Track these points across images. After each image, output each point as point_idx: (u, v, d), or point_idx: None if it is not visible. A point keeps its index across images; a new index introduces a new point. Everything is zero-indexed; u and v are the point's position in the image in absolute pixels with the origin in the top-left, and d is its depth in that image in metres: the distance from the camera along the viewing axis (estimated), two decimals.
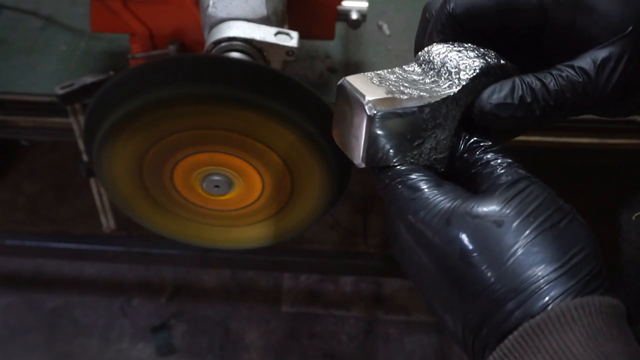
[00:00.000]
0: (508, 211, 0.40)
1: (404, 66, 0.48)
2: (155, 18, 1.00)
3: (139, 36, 1.03)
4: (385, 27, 1.31)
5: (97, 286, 1.93)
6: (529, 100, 0.44)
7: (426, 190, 0.42)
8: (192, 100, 0.76)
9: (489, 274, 0.38)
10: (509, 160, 0.43)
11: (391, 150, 0.44)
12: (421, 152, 0.45)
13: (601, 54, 0.43)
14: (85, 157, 1.15)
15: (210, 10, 0.86)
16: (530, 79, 0.44)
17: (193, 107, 0.77)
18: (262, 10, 0.86)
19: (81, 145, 1.15)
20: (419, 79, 0.46)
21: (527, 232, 0.39)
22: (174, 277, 1.95)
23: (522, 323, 0.37)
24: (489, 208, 0.40)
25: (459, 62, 0.45)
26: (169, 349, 1.80)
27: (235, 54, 0.81)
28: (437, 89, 0.44)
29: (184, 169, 0.85)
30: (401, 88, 0.44)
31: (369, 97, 0.43)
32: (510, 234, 0.39)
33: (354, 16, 1.06)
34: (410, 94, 0.43)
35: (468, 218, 0.40)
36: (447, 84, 0.44)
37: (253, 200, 0.88)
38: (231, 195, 0.87)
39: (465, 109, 0.46)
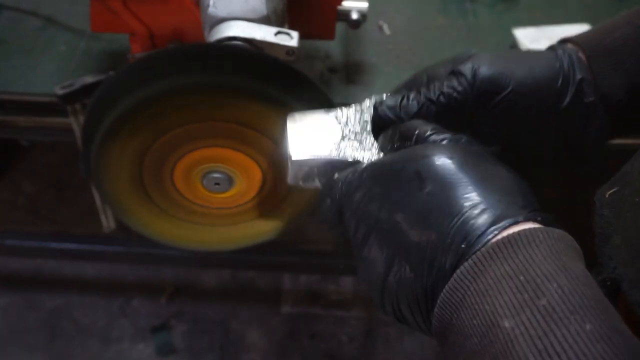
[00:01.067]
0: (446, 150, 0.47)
1: (352, 109, 0.60)
2: (155, 18, 1.00)
3: (139, 36, 1.03)
4: (385, 27, 1.31)
5: (97, 286, 1.93)
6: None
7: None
8: (192, 91, 0.76)
9: (462, 202, 0.44)
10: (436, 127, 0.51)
11: (308, 180, 0.58)
12: None
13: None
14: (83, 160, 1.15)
15: (211, 9, 0.86)
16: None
17: (193, 98, 0.77)
18: (263, 10, 0.86)
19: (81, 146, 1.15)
20: (352, 133, 0.58)
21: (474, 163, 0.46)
22: (174, 277, 1.95)
23: (493, 239, 0.42)
24: (428, 149, 0.48)
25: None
26: (169, 349, 1.80)
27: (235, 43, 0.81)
28: (356, 149, 0.56)
29: (184, 168, 0.85)
30: (330, 138, 0.56)
31: (292, 153, 0.56)
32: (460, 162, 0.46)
33: (354, 16, 1.06)
34: (331, 149, 0.56)
35: (415, 156, 0.48)
36: (366, 148, 0.56)
37: (254, 194, 0.88)
38: (233, 191, 0.87)
39: None
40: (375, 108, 0.57)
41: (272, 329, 1.86)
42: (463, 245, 0.42)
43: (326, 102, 0.77)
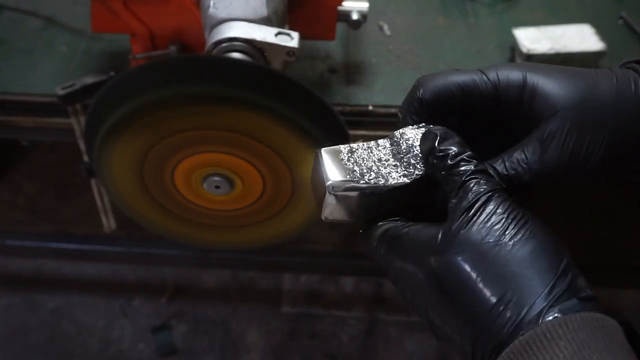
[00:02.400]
0: (464, 241, 0.44)
1: (379, 140, 0.55)
2: (155, 18, 1.00)
3: (139, 36, 1.03)
4: (385, 27, 1.31)
5: (98, 286, 1.93)
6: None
7: (404, 234, 0.48)
8: (192, 101, 0.76)
9: (466, 304, 0.43)
10: (472, 176, 0.47)
11: (346, 215, 0.53)
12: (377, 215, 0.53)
13: (543, 132, 0.49)
14: (85, 158, 1.15)
15: (211, 10, 0.86)
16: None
17: (194, 107, 0.77)
18: (263, 11, 0.86)
19: (82, 145, 1.15)
20: (385, 160, 0.54)
21: (488, 254, 0.43)
22: (174, 277, 1.95)
23: (513, 340, 0.40)
24: (447, 243, 0.44)
25: (420, 157, 0.52)
26: (170, 349, 1.80)
27: (236, 55, 0.81)
28: (394, 176, 0.52)
29: (185, 170, 0.85)
30: (364, 169, 0.53)
31: (331, 179, 0.52)
32: (474, 260, 0.43)
33: (355, 16, 1.06)
34: (368, 179, 0.52)
35: (432, 255, 0.45)
36: (402, 173, 0.52)
37: (254, 200, 0.88)
38: (232, 195, 0.87)
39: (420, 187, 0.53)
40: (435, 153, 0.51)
41: (272, 329, 1.86)
42: (489, 347, 0.42)
43: (322, 107, 0.77)
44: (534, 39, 1.18)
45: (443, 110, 0.52)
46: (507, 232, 0.43)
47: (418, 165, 0.51)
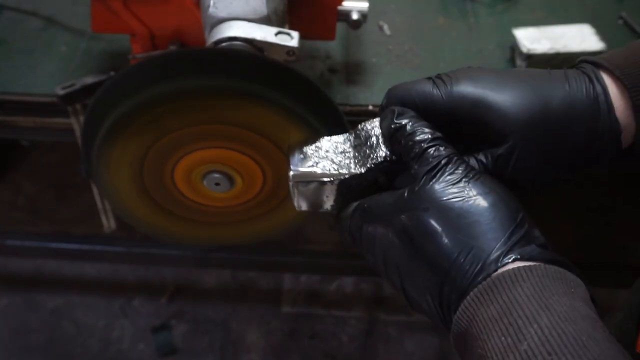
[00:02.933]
0: (428, 197, 0.48)
1: (345, 134, 0.60)
2: (155, 18, 1.00)
3: (139, 36, 1.03)
4: (385, 27, 1.31)
5: (98, 286, 1.93)
6: None
7: (375, 198, 0.53)
8: (192, 95, 0.76)
9: (433, 254, 0.46)
10: (434, 142, 0.50)
11: (315, 205, 0.58)
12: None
13: (497, 151, 0.51)
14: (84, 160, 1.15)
15: (211, 10, 0.86)
16: None
17: (193, 101, 0.77)
18: (263, 10, 0.86)
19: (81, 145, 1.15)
20: (347, 151, 0.58)
21: (451, 209, 0.47)
22: (174, 277, 1.95)
23: (476, 285, 0.44)
24: (414, 201, 0.48)
25: (379, 144, 0.56)
26: (170, 349, 1.80)
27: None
28: (352, 166, 0.56)
29: (185, 168, 0.85)
30: (326, 161, 0.57)
31: (292, 171, 0.57)
32: (439, 214, 0.47)
33: (355, 16, 1.06)
34: (327, 169, 0.57)
35: (401, 214, 0.49)
36: (360, 163, 0.56)
37: (255, 194, 0.89)
38: (233, 191, 0.87)
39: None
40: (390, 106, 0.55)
41: (272, 329, 1.86)
42: (458, 285, 0.45)
43: (323, 99, 0.77)
44: (534, 39, 1.18)
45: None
46: (467, 188, 0.47)
47: (372, 155, 0.55)
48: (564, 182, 0.54)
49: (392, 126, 0.52)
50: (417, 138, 0.50)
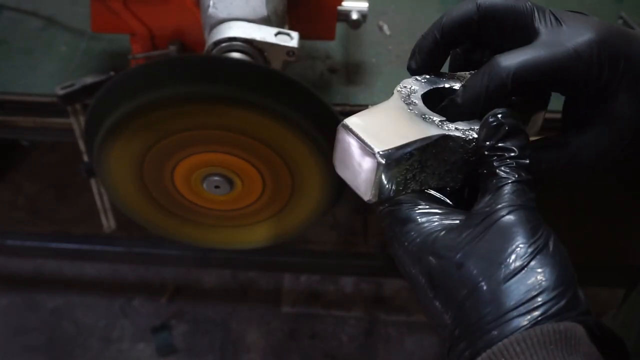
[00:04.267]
0: (466, 257, 0.42)
1: (388, 102, 0.50)
2: (155, 18, 1.00)
3: (139, 36, 1.03)
4: (385, 27, 1.31)
5: (98, 286, 1.93)
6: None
7: (412, 220, 0.46)
8: (192, 100, 0.76)
9: (445, 313, 0.42)
10: (507, 182, 0.44)
11: (394, 187, 0.47)
12: (423, 180, 0.48)
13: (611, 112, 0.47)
14: (85, 157, 1.15)
15: (211, 10, 0.86)
16: None
17: (193, 106, 0.77)
18: (263, 11, 0.86)
19: (82, 145, 1.15)
20: (408, 119, 0.49)
21: (487, 279, 0.41)
22: (174, 277, 1.95)
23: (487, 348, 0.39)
24: (452, 249, 0.42)
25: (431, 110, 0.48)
26: (170, 350, 1.80)
27: (235, 54, 0.81)
28: (427, 131, 0.47)
29: (185, 170, 0.85)
30: (395, 132, 0.47)
31: (377, 149, 0.45)
32: (466, 279, 0.41)
33: (355, 16, 1.06)
34: (407, 138, 0.46)
35: (432, 257, 0.43)
36: (434, 127, 0.47)
37: (254, 200, 0.89)
38: (232, 195, 0.87)
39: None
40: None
41: (272, 329, 1.86)
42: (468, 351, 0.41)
43: (322, 108, 0.77)
44: None
45: (460, 41, 0.53)
46: (506, 266, 0.41)
47: (445, 123, 0.47)
48: None
49: (492, 149, 0.45)
50: (502, 169, 0.44)
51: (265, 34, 0.83)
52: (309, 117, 0.77)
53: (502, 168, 0.44)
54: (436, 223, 0.44)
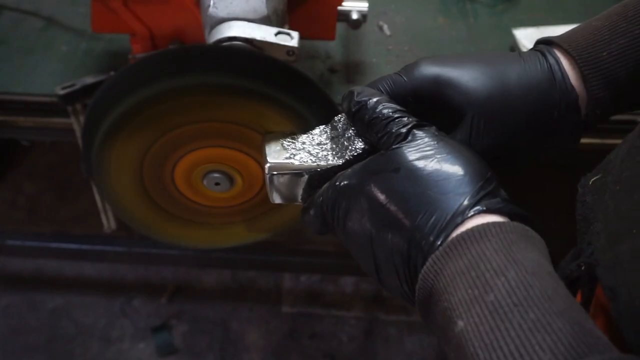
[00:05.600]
0: (400, 157, 0.48)
1: (321, 126, 0.60)
2: (155, 18, 1.00)
3: (139, 36, 1.03)
4: (385, 27, 1.31)
5: (98, 286, 1.93)
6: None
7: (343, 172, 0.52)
8: (191, 92, 0.76)
9: (402, 216, 0.46)
10: (398, 114, 0.51)
11: (290, 198, 0.58)
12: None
13: (458, 134, 0.53)
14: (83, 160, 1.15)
15: (211, 10, 0.86)
16: None
17: (192, 99, 0.77)
18: (263, 10, 0.86)
19: (82, 145, 1.15)
20: (324, 143, 0.58)
21: (422, 167, 0.47)
22: (174, 277, 1.95)
23: (439, 241, 0.44)
24: (384, 161, 0.48)
25: (356, 135, 0.55)
26: (170, 349, 1.80)
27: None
28: (330, 158, 0.56)
29: (185, 168, 0.85)
30: (303, 153, 0.57)
31: (268, 162, 0.57)
32: (409, 174, 0.47)
33: (355, 16, 1.06)
34: (304, 161, 0.57)
35: (372, 176, 0.49)
36: (338, 155, 0.56)
37: (255, 194, 0.89)
38: (233, 191, 0.87)
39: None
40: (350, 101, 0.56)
41: (272, 329, 1.86)
42: (424, 244, 0.45)
43: (325, 100, 0.77)
44: (533, 39, 1.17)
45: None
46: (437, 148, 0.47)
47: (350, 147, 0.55)
48: (527, 159, 0.55)
49: (353, 106, 0.53)
50: (383, 111, 0.51)
51: (266, 33, 0.83)
52: (310, 107, 0.77)
53: (381, 112, 0.51)
54: (358, 165, 0.51)
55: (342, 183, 0.51)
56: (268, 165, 0.57)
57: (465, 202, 0.45)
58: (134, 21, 1.00)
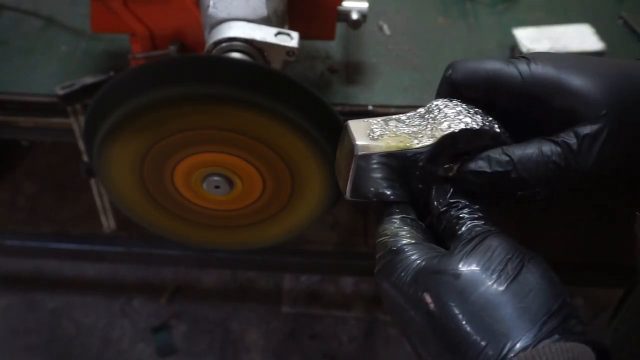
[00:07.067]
0: (465, 265, 0.42)
1: (408, 113, 0.52)
2: (155, 18, 1.00)
3: (139, 36, 1.03)
4: (385, 27, 1.31)
5: (98, 287, 1.93)
6: (501, 169, 0.47)
7: (404, 250, 0.46)
8: (191, 101, 0.76)
9: (452, 331, 0.41)
10: (475, 217, 0.46)
11: (372, 188, 0.50)
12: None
13: (583, 130, 0.46)
14: (85, 158, 1.15)
15: (211, 10, 0.86)
16: (512, 149, 0.47)
17: (193, 107, 0.77)
18: (263, 11, 0.86)
19: (81, 145, 1.15)
20: (415, 130, 0.50)
21: (485, 284, 0.41)
22: (174, 277, 1.95)
23: None
24: (448, 264, 0.42)
25: (449, 117, 0.49)
26: (170, 350, 1.80)
27: (235, 54, 0.81)
28: (424, 141, 0.49)
29: (185, 170, 0.85)
30: (393, 137, 0.49)
31: (358, 142, 0.49)
32: (468, 285, 0.41)
33: (355, 16, 1.06)
34: (396, 144, 0.49)
35: (430, 275, 0.43)
36: (429, 135, 0.49)
37: (254, 200, 0.89)
38: (232, 195, 0.87)
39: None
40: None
41: (272, 329, 1.86)
42: None
43: (322, 107, 0.77)
44: (533, 38, 1.18)
45: (470, 95, 0.50)
46: (503, 272, 0.42)
47: (442, 129, 0.48)
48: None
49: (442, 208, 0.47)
50: (458, 214, 0.46)
51: (265, 34, 0.83)
52: (308, 117, 0.77)
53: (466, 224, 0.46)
54: (426, 252, 0.45)
55: (389, 269, 0.45)
56: (359, 143, 0.48)
57: (524, 340, 0.39)
58: (134, 21, 1.00)
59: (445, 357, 0.41)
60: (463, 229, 0.45)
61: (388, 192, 0.50)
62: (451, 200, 0.48)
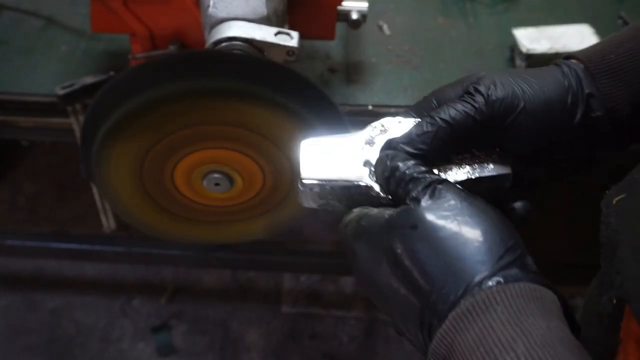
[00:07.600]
0: (423, 213, 0.46)
1: (359, 132, 0.56)
2: (155, 18, 1.00)
3: (139, 36, 1.03)
4: (385, 27, 1.31)
5: (98, 286, 1.93)
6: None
7: (370, 214, 0.51)
8: (191, 96, 0.76)
9: (417, 276, 0.44)
10: (421, 170, 0.49)
11: (320, 204, 0.56)
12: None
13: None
14: (81, 160, 1.15)
15: (211, 10, 0.86)
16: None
17: (194, 102, 0.77)
18: (263, 10, 0.86)
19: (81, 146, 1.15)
20: (353, 159, 0.55)
21: (443, 228, 0.45)
22: (174, 277, 1.95)
23: (453, 310, 0.42)
24: (406, 216, 0.47)
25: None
26: (170, 349, 1.80)
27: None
28: (364, 176, 0.53)
29: (185, 168, 0.85)
30: (338, 164, 0.54)
31: (302, 174, 0.54)
32: (427, 232, 0.45)
33: (354, 16, 1.06)
34: (339, 176, 0.54)
35: (392, 229, 0.47)
36: (364, 174, 0.53)
37: (255, 194, 0.89)
38: (233, 191, 0.87)
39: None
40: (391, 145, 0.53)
41: (272, 328, 1.86)
42: (438, 311, 0.43)
43: (322, 99, 0.77)
44: (533, 38, 1.18)
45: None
46: (459, 210, 0.46)
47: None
48: (580, 165, 0.56)
49: (385, 173, 0.51)
50: (406, 171, 0.49)
51: (265, 33, 0.83)
52: (310, 110, 0.77)
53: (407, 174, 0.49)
54: (382, 215, 0.49)
55: (362, 229, 0.50)
56: (301, 177, 0.54)
57: (483, 273, 0.42)
58: (134, 21, 1.00)
59: (412, 300, 0.45)
60: (410, 185, 0.49)
61: (337, 205, 0.55)
62: (391, 165, 0.51)
